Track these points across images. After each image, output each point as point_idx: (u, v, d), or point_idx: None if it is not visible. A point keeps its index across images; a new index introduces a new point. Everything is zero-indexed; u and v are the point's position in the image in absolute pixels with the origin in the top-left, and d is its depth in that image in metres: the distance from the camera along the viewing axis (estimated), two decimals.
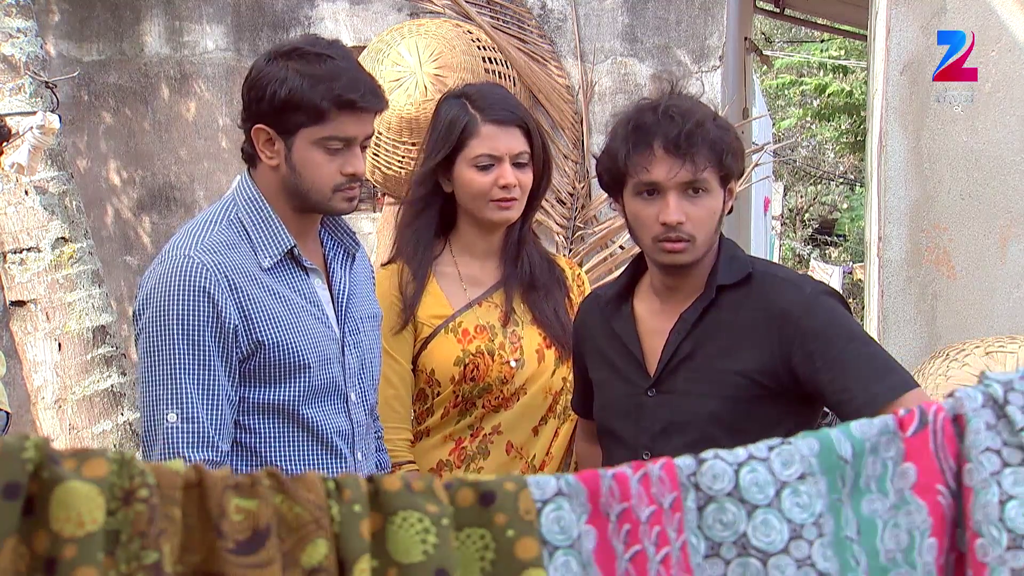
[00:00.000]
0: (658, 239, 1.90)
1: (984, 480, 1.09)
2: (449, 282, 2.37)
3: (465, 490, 0.99)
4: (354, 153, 1.95)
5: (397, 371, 2.32)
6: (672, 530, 1.04)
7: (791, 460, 1.07)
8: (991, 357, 2.92)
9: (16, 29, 4.01)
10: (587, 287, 2.51)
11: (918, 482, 1.11)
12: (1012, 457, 1.10)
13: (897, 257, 4.02)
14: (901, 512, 1.11)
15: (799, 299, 1.89)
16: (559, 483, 1.02)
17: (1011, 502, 1.08)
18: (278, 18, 5.04)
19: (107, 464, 0.85)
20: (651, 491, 1.04)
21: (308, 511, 0.92)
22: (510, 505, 0.98)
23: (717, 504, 1.04)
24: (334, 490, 0.95)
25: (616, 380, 2.05)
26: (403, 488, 0.96)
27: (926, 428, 1.11)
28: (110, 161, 5.31)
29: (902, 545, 1.11)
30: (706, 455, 1.06)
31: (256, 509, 0.91)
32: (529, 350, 2.36)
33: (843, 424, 1.12)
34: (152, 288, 1.91)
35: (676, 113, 1.88)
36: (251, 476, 0.92)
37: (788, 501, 1.05)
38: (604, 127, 4.57)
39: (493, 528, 0.98)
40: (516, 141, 2.31)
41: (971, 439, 1.11)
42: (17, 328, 4.09)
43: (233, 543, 0.89)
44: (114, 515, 0.85)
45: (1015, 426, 1.10)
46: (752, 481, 1.05)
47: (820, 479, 1.07)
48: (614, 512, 1.03)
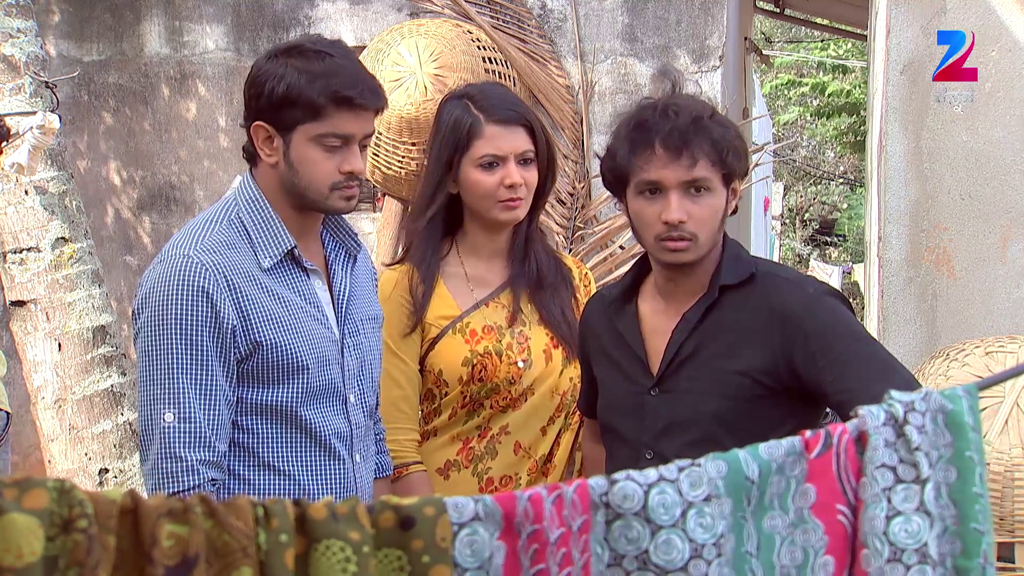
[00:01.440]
0: (660, 238, 1.90)
1: (875, 495, 1.14)
2: (456, 283, 2.37)
3: (387, 513, 1.04)
4: (352, 151, 1.95)
5: (405, 372, 2.32)
6: (577, 551, 1.09)
7: (699, 482, 1.12)
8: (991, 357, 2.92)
9: (16, 29, 4.01)
10: (593, 286, 2.51)
11: (817, 502, 1.16)
12: (906, 474, 1.15)
13: (897, 257, 4.02)
14: (799, 530, 1.16)
15: (802, 299, 1.89)
16: (476, 507, 1.07)
17: (897, 518, 1.14)
18: (278, 18, 5.04)
19: (47, 494, 0.89)
20: (562, 513, 1.09)
21: (236, 539, 0.97)
22: (428, 531, 1.04)
23: (624, 521, 1.10)
24: (263, 517, 0.99)
25: (619, 379, 2.05)
26: (328, 516, 1.01)
27: (829, 450, 1.16)
28: (110, 161, 5.31)
29: (796, 562, 1.16)
30: (618, 476, 1.11)
31: (187, 536, 0.95)
32: (536, 350, 2.36)
33: (752, 446, 1.15)
34: (151, 287, 1.91)
35: (676, 111, 1.88)
36: (184, 502, 0.97)
37: (692, 521, 1.11)
38: (604, 127, 4.58)
39: (410, 552, 1.03)
40: (520, 140, 2.31)
41: (869, 455, 1.15)
42: (17, 328, 4.09)
43: (163, 569, 0.93)
44: (53, 541, 0.89)
45: (911, 445, 1.15)
46: (660, 502, 1.10)
47: (725, 500, 1.13)
48: (525, 531, 1.08)
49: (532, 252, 2.39)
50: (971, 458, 1.16)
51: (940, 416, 1.17)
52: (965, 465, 1.16)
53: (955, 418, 1.17)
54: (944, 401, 1.17)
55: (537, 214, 2.42)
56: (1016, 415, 2.78)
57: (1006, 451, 2.72)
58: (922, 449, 1.15)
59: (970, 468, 1.16)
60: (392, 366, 2.30)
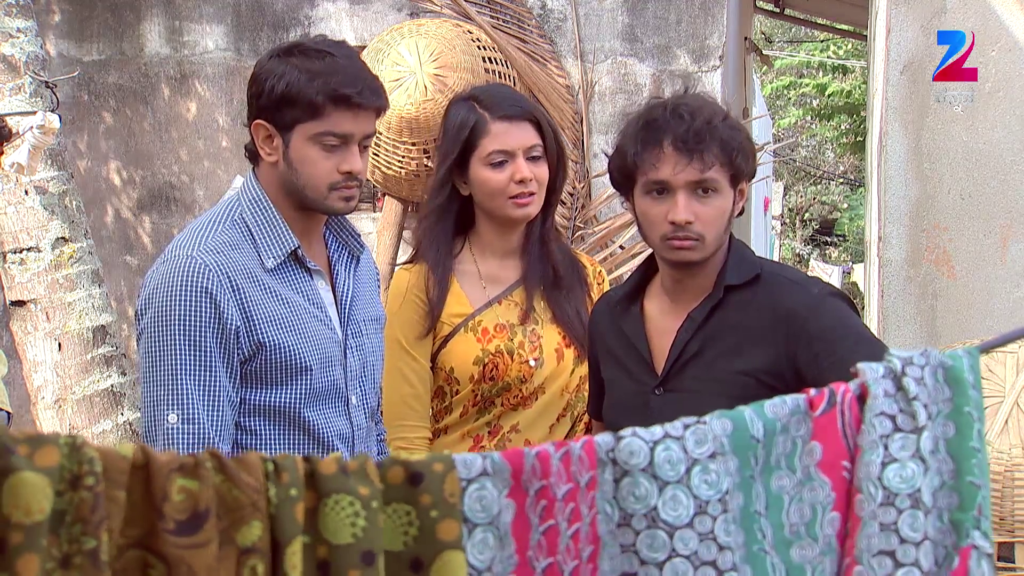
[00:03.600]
0: (667, 238, 1.90)
1: (873, 441, 1.17)
2: (469, 280, 2.36)
3: (396, 468, 1.05)
4: (351, 151, 1.94)
5: (416, 370, 2.32)
6: (585, 506, 1.10)
7: (704, 439, 1.13)
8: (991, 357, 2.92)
9: (16, 29, 4.01)
10: (607, 284, 2.51)
11: (823, 460, 1.18)
12: (904, 423, 1.17)
13: (897, 257, 4.03)
14: (806, 488, 1.17)
15: (806, 300, 1.89)
16: (485, 463, 1.08)
17: (892, 464, 1.16)
18: (278, 18, 5.04)
19: (58, 451, 0.90)
20: (570, 469, 1.10)
21: (246, 494, 0.98)
22: (436, 487, 1.05)
23: (632, 478, 1.10)
24: (273, 472, 1.00)
25: (624, 379, 2.05)
26: (338, 471, 1.01)
27: (834, 408, 1.19)
28: (110, 161, 5.31)
29: (805, 519, 1.17)
30: (624, 433, 1.12)
31: (198, 490, 0.96)
32: (548, 349, 2.35)
33: (757, 403, 1.17)
34: (154, 288, 1.90)
35: (686, 112, 1.88)
36: (195, 457, 0.98)
37: (697, 478, 1.12)
38: (604, 127, 4.58)
39: (419, 507, 1.04)
40: (527, 135, 2.31)
41: (869, 403, 1.18)
42: (17, 328, 4.09)
43: (173, 523, 0.95)
44: (61, 496, 0.90)
45: (909, 395, 1.18)
46: (665, 459, 1.11)
47: (731, 458, 1.14)
48: (533, 488, 1.09)
49: (549, 252, 2.38)
50: (970, 414, 1.17)
51: (940, 371, 1.19)
52: (963, 420, 1.18)
53: (955, 374, 1.19)
54: (944, 358, 1.19)
55: (551, 211, 2.40)
56: (1016, 415, 2.79)
57: (1006, 451, 2.73)
58: (920, 399, 1.17)
59: (968, 423, 1.17)
60: (404, 364, 2.29)
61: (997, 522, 2.74)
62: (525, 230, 2.38)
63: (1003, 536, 2.71)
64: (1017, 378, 2.86)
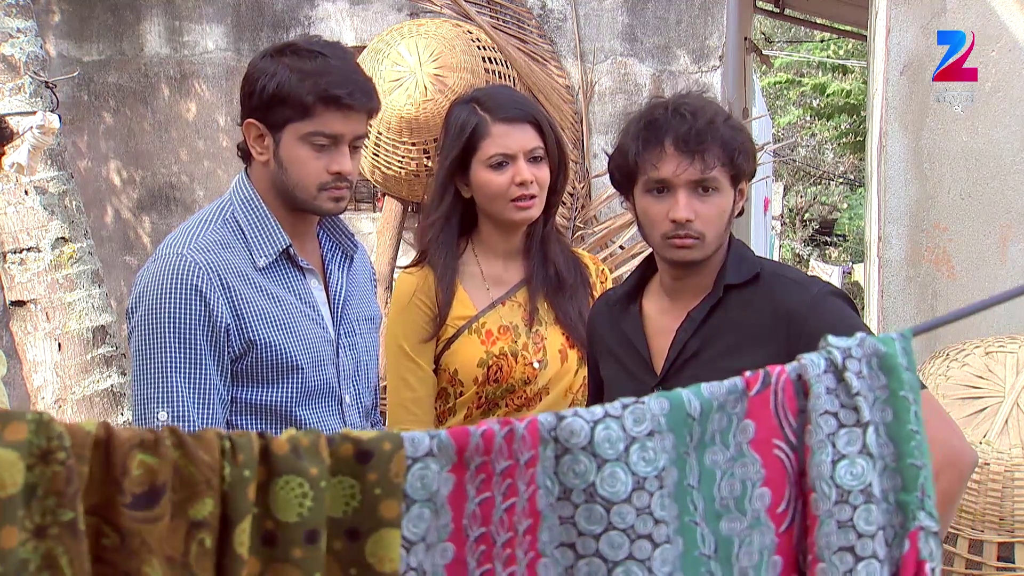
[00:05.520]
0: (667, 236, 1.90)
1: (821, 441, 1.20)
2: (472, 282, 2.36)
3: (346, 445, 1.08)
4: (341, 152, 1.94)
5: (418, 375, 2.31)
6: (523, 483, 1.13)
7: (642, 418, 1.16)
8: (991, 357, 2.92)
9: (16, 29, 4.01)
10: (610, 282, 2.50)
11: (755, 437, 1.22)
12: (847, 418, 1.21)
13: (897, 257, 4.03)
14: (737, 464, 1.21)
15: (806, 299, 1.89)
16: (432, 443, 1.11)
17: (842, 461, 1.20)
18: (278, 18, 5.05)
19: (26, 426, 0.92)
20: (512, 447, 1.13)
21: (201, 471, 1.00)
22: (383, 465, 1.08)
23: (572, 456, 1.14)
24: (229, 450, 1.03)
25: (624, 378, 2.05)
26: (290, 451, 1.05)
27: (768, 388, 1.22)
28: (110, 161, 5.31)
29: (735, 493, 1.21)
30: (566, 413, 1.16)
31: (156, 465, 0.99)
32: (552, 350, 2.35)
33: (695, 385, 1.20)
34: (145, 286, 1.91)
35: (688, 111, 1.88)
36: (155, 433, 1.00)
37: (635, 455, 1.15)
38: (604, 127, 4.58)
39: (364, 482, 1.07)
40: (528, 137, 2.30)
41: (812, 403, 1.21)
42: (17, 328, 4.09)
43: (130, 497, 0.97)
44: (32, 471, 0.92)
45: (851, 390, 1.21)
46: (605, 437, 1.14)
47: (667, 435, 1.17)
48: (474, 463, 1.13)
49: (550, 253, 2.38)
50: (905, 397, 1.21)
51: (875, 359, 1.23)
52: (900, 404, 1.22)
53: (888, 361, 1.22)
54: (878, 345, 1.23)
55: (553, 213, 2.40)
56: (1016, 415, 2.79)
57: (1006, 451, 2.73)
58: (861, 394, 1.21)
59: (905, 407, 1.21)
60: (406, 370, 2.29)
61: (997, 522, 2.74)
62: (527, 231, 2.38)
63: (1003, 536, 2.71)
64: (1017, 378, 2.86)
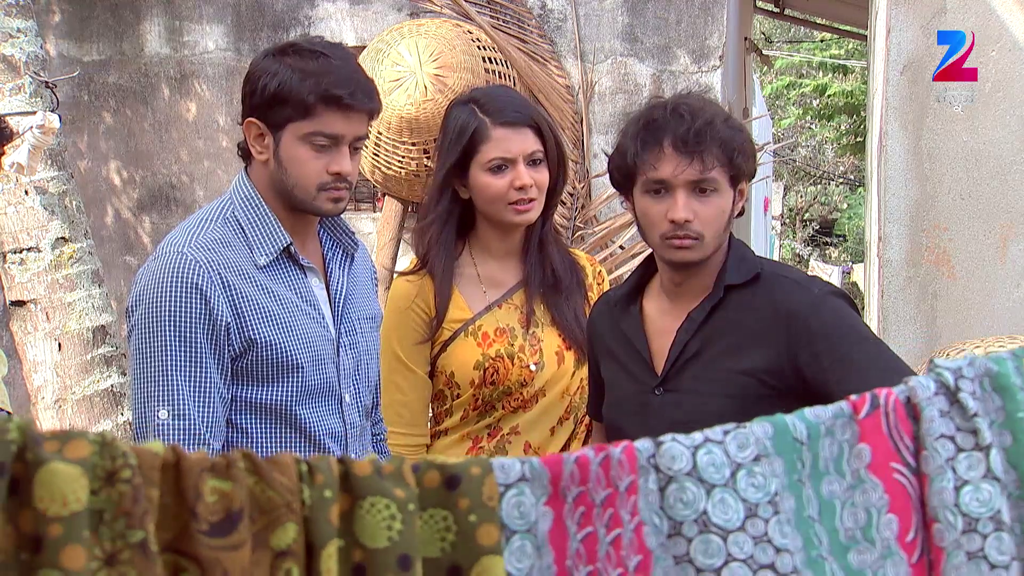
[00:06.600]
0: (666, 236, 1.90)
1: (940, 467, 1.12)
2: (469, 284, 2.36)
3: (432, 472, 1.02)
4: (341, 152, 1.93)
5: (409, 379, 2.32)
6: (626, 512, 1.06)
7: (746, 443, 1.09)
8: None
9: (16, 29, 4.01)
10: (607, 284, 2.50)
11: (873, 461, 1.14)
12: (965, 442, 1.13)
13: (897, 257, 4.03)
14: (858, 491, 1.14)
15: (807, 299, 1.89)
16: (523, 468, 1.05)
17: (965, 487, 1.11)
18: (278, 18, 5.05)
19: (89, 445, 0.87)
20: (610, 474, 1.07)
21: (280, 495, 0.95)
22: (474, 490, 1.02)
23: (677, 484, 1.07)
24: (306, 473, 0.98)
25: (624, 379, 2.05)
26: (373, 473, 0.99)
27: (877, 410, 1.15)
28: (110, 161, 5.31)
29: (860, 523, 1.14)
30: (663, 438, 1.09)
31: (230, 491, 0.94)
32: (549, 352, 2.35)
33: (798, 410, 1.14)
34: (145, 284, 1.90)
35: (687, 111, 1.88)
36: (226, 457, 0.95)
37: (743, 481, 1.08)
38: (604, 127, 4.58)
39: (456, 512, 1.01)
40: (528, 141, 2.30)
41: (926, 427, 1.13)
42: (17, 328, 4.09)
43: (207, 524, 0.92)
44: (97, 495, 0.87)
45: (967, 412, 1.13)
46: (709, 462, 1.07)
47: (775, 460, 1.10)
48: (571, 495, 1.07)
49: (547, 255, 2.38)
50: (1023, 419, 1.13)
51: (987, 380, 1.15)
52: (1019, 427, 1.13)
53: (1001, 381, 1.14)
54: (990, 364, 1.15)
55: (550, 215, 2.40)
56: None
57: None
58: (980, 415, 1.12)
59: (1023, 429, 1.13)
60: (398, 374, 2.29)
61: None
62: (524, 233, 2.38)
63: None
64: None
